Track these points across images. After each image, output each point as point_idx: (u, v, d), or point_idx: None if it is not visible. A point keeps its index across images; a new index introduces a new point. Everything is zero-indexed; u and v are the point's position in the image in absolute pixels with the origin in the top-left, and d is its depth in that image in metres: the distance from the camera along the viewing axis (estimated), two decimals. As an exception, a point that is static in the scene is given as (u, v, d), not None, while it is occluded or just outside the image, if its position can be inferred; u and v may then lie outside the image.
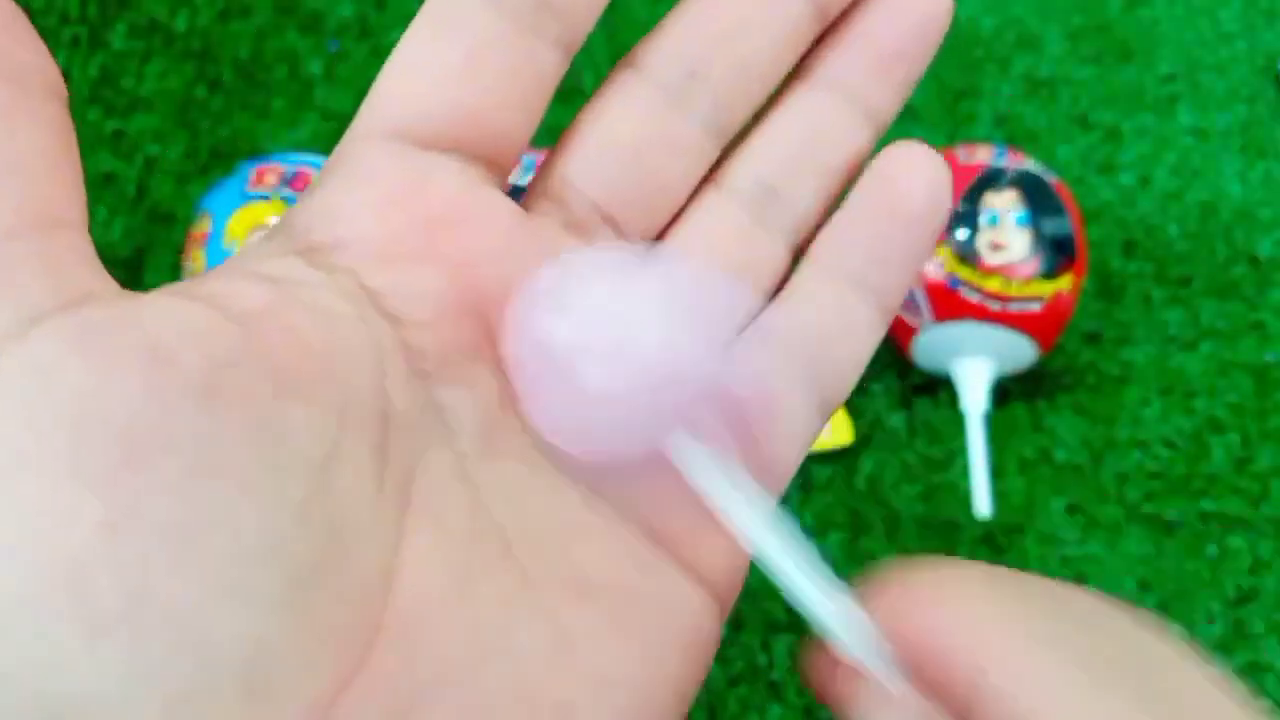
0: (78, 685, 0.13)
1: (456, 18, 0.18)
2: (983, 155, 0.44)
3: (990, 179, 0.43)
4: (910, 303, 0.44)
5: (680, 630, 0.17)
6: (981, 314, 0.43)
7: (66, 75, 0.51)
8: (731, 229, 0.20)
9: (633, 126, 0.19)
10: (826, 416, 0.20)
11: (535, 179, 0.20)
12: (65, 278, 0.15)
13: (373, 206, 0.17)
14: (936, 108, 0.53)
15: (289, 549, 0.14)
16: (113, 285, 0.15)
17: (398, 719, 0.14)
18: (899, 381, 0.47)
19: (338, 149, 0.18)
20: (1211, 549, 0.44)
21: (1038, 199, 0.43)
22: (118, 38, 0.52)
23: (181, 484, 0.13)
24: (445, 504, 0.16)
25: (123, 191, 0.49)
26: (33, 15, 0.53)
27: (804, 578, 0.17)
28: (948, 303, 0.43)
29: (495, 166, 0.18)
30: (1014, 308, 0.43)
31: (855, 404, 0.46)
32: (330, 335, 0.16)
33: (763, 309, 0.20)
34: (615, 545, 0.17)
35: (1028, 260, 0.42)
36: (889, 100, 0.20)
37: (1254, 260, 0.50)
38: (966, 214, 0.43)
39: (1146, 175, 0.52)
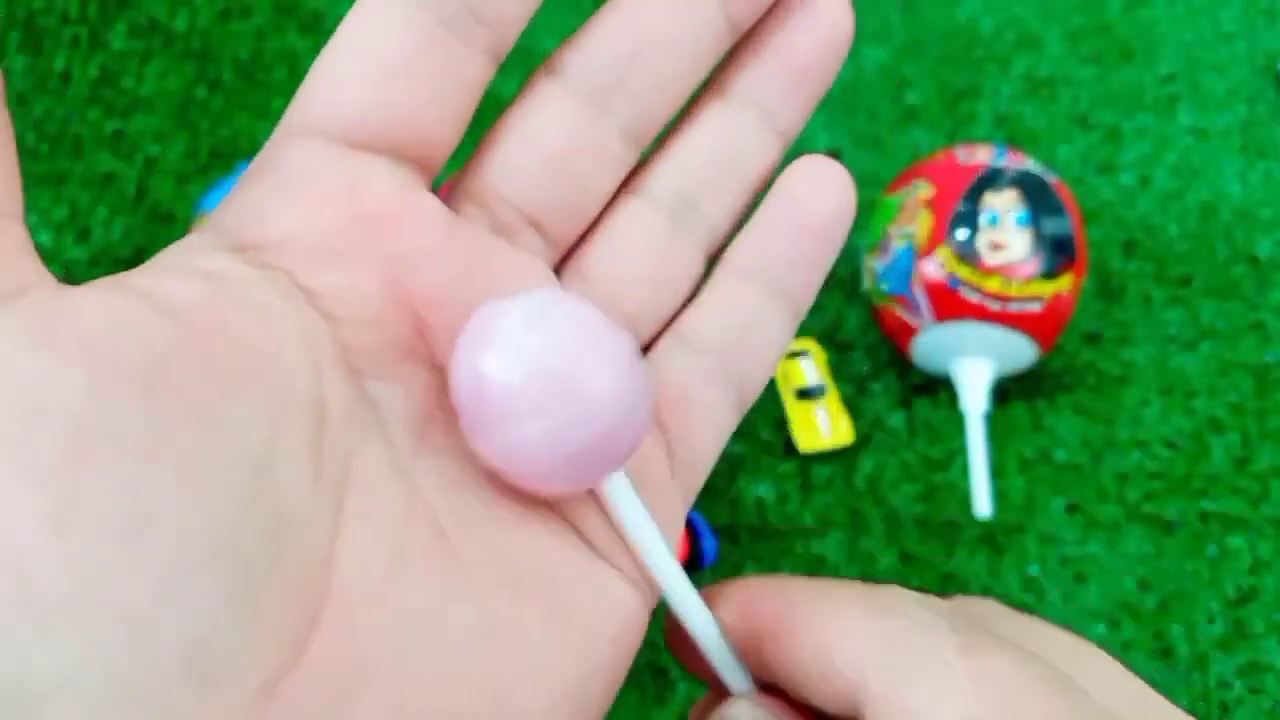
0: (26, 670, 0.13)
1: (387, 21, 0.18)
2: (983, 155, 0.44)
3: (990, 179, 0.43)
4: (910, 303, 0.44)
5: (609, 618, 0.18)
6: (981, 314, 0.43)
7: (66, 75, 0.51)
8: (653, 237, 0.21)
9: (555, 132, 0.20)
10: (742, 412, 0.21)
11: (459, 182, 0.20)
12: (4, 268, 0.15)
13: (305, 206, 0.17)
14: (936, 108, 0.53)
15: (233, 540, 0.14)
16: (50, 278, 0.15)
17: (337, 701, 0.15)
18: (899, 381, 0.47)
19: (266, 147, 0.18)
20: (1211, 549, 0.44)
21: (1038, 199, 0.43)
22: (118, 38, 0.52)
23: (127, 477, 0.14)
24: (380, 495, 0.16)
25: (123, 191, 0.49)
26: (33, 15, 0.53)
27: (694, 604, 0.19)
28: (948, 303, 0.43)
29: (424, 168, 0.19)
30: (1014, 308, 0.43)
31: (855, 404, 0.46)
32: (266, 331, 0.16)
33: (681, 313, 0.21)
34: (546, 536, 0.18)
35: (1028, 260, 0.42)
36: (797, 115, 0.21)
37: (1254, 260, 0.50)
38: (966, 214, 0.43)
39: (1146, 175, 0.52)
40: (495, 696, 0.16)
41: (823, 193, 0.21)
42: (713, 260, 0.22)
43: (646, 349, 0.21)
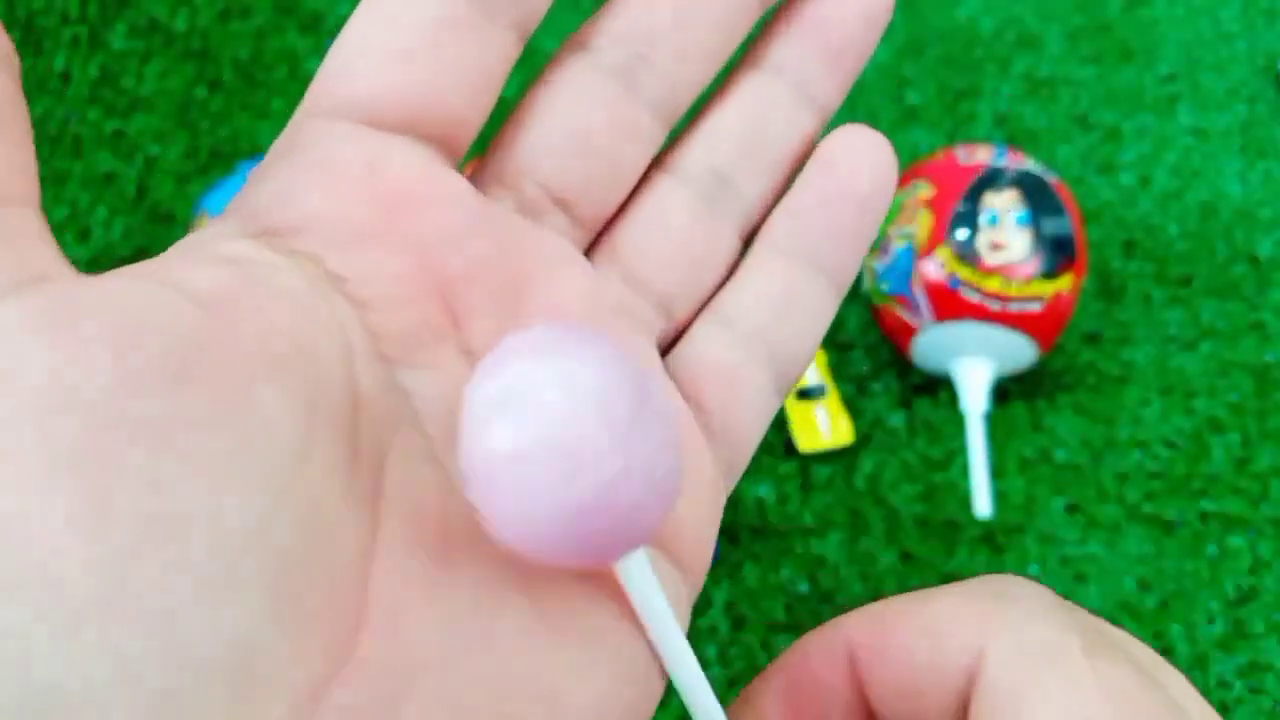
0: (56, 680, 0.12)
1: None
2: (983, 155, 0.44)
3: (990, 179, 0.43)
4: (910, 303, 0.44)
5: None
6: (981, 314, 0.43)
7: (66, 75, 0.51)
8: (686, 216, 0.20)
9: (583, 109, 0.19)
10: (784, 394, 0.20)
11: (485, 162, 0.19)
12: (22, 255, 0.14)
13: (330, 188, 0.17)
14: (936, 108, 0.53)
15: (269, 537, 0.13)
16: (68, 265, 0.15)
17: (386, 705, 0.14)
18: (899, 381, 0.47)
19: (288, 129, 0.18)
20: (1211, 549, 0.44)
21: (1038, 199, 0.43)
22: (118, 38, 0.52)
23: (155, 471, 0.13)
24: (417, 488, 0.16)
25: (123, 191, 0.49)
26: (33, 15, 0.53)
27: (704, 693, 0.17)
28: (948, 303, 0.43)
29: (449, 148, 0.18)
30: (1014, 308, 0.43)
31: (855, 404, 0.46)
32: (296, 318, 0.15)
33: (718, 293, 0.20)
34: None
35: (1028, 260, 0.42)
36: (835, 90, 0.21)
37: (1254, 260, 0.50)
38: (966, 214, 0.43)
39: (1146, 175, 0.52)
40: (547, 695, 0.16)
41: (863, 161, 0.20)
42: (749, 240, 0.21)
43: (682, 331, 0.20)
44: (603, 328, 0.19)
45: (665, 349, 0.20)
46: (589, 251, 0.20)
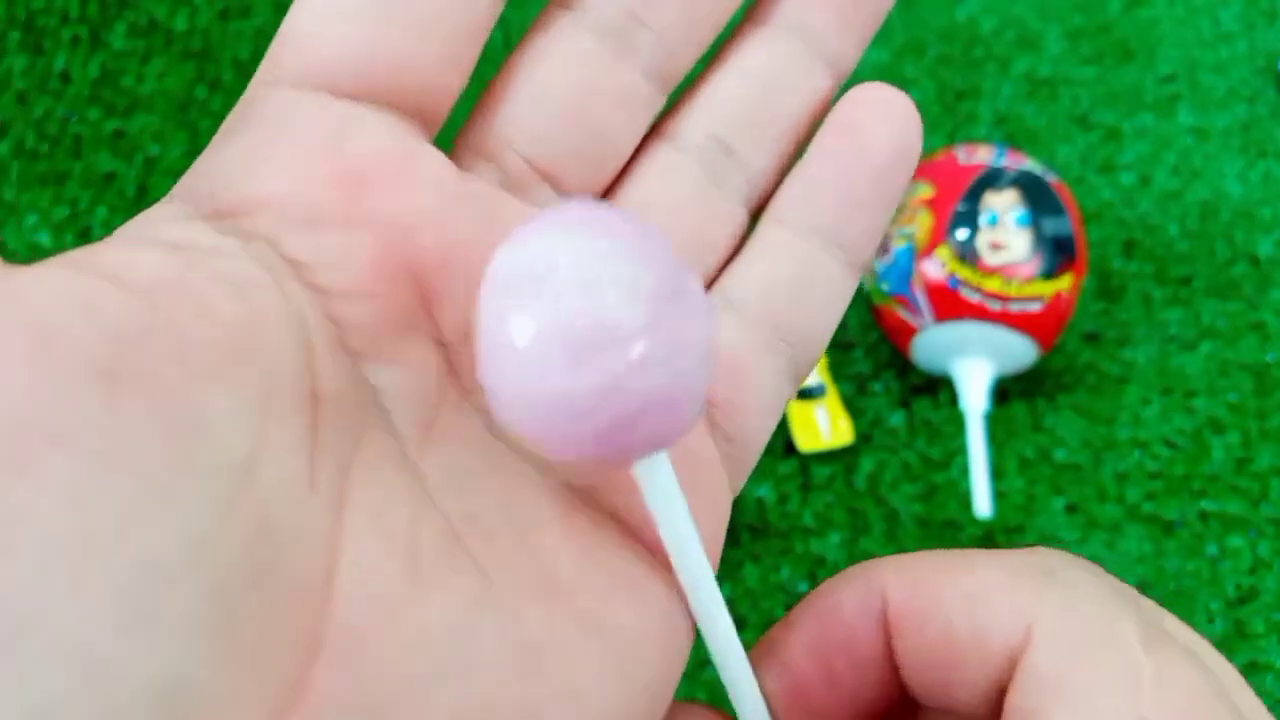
0: None
1: None
2: (983, 155, 0.44)
3: (990, 179, 0.43)
4: (910, 303, 0.44)
5: (653, 628, 0.16)
6: (982, 314, 0.43)
7: (66, 75, 0.51)
8: (686, 188, 0.18)
9: (570, 73, 0.17)
10: (799, 380, 0.19)
11: (465, 131, 0.18)
12: None
13: (288, 163, 0.15)
14: (936, 108, 0.53)
15: (208, 560, 0.12)
16: None
17: None
18: (899, 381, 0.47)
19: (244, 99, 0.16)
20: (1211, 549, 0.44)
21: (1038, 199, 0.43)
22: (118, 38, 0.52)
23: (79, 487, 0.11)
24: (387, 497, 0.14)
25: (123, 191, 0.49)
26: (33, 15, 0.53)
27: (725, 627, 0.16)
28: (948, 303, 0.43)
29: (423, 119, 0.16)
30: (1014, 308, 0.43)
31: (855, 404, 0.46)
32: (247, 309, 0.14)
33: (724, 273, 0.19)
34: (577, 535, 0.16)
35: (1028, 260, 0.42)
36: (850, 46, 0.19)
37: (1254, 260, 0.50)
38: (966, 214, 0.43)
39: (1146, 175, 0.52)
40: None
41: (884, 122, 0.18)
42: (758, 213, 0.19)
43: None
44: None
45: None
46: None
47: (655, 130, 0.19)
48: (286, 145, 0.15)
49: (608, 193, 0.18)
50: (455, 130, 0.18)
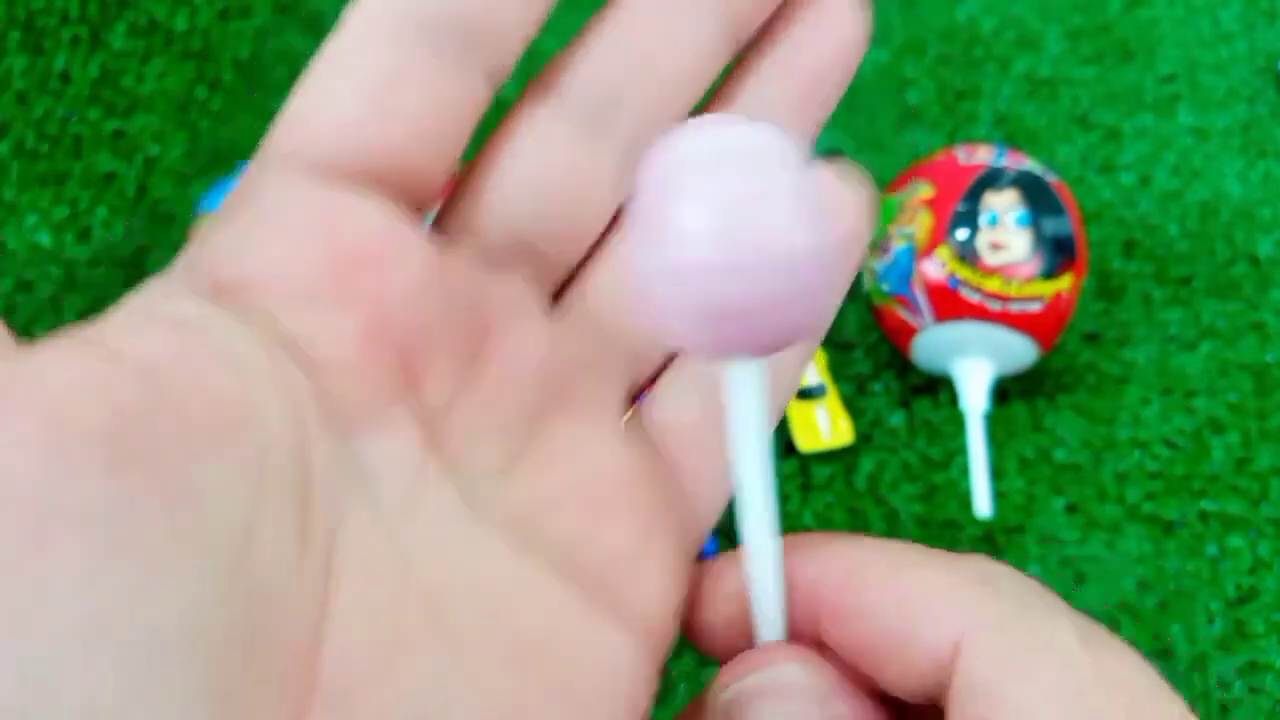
0: None
1: (372, 42, 0.17)
2: (983, 155, 0.44)
3: (990, 179, 0.43)
4: (910, 303, 0.44)
5: (618, 688, 0.17)
6: (982, 314, 0.43)
7: (66, 75, 0.51)
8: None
9: (551, 156, 0.19)
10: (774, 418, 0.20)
11: (448, 207, 0.19)
12: None
13: (282, 243, 0.16)
14: (936, 108, 0.53)
15: (209, 631, 0.13)
16: (9, 339, 0.14)
17: None
18: (899, 381, 0.47)
19: (244, 179, 0.17)
20: (1211, 549, 0.44)
21: (1038, 199, 0.43)
22: (118, 38, 0.52)
23: (91, 566, 0.12)
24: (371, 567, 0.15)
25: (123, 191, 0.49)
26: (33, 15, 0.53)
27: (769, 541, 0.17)
28: (948, 303, 0.43)
29: (412, 200, 0.17)
30: (1014, 308, 0.43)
31: (855, 404, 0.46)
32: (243, 385, 0.15)
33: None
34: (549, 602, 0.17)
35: (1028, 260, 0.42)
36: (808, 125, 0.20)
37: (1254, 260, 0.50)
38: (967, 214, 0.43)
39: (1146, 175, 0.52)
40: None
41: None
42: None
43: (656, 376, 0.20)
44: (563, 384, 0.18)
45: (636, 397, 0.20)
46: (558, 298, 0.19)
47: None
48: (283, 225, 0.16)
49: (583, 264, 0.19)
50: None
